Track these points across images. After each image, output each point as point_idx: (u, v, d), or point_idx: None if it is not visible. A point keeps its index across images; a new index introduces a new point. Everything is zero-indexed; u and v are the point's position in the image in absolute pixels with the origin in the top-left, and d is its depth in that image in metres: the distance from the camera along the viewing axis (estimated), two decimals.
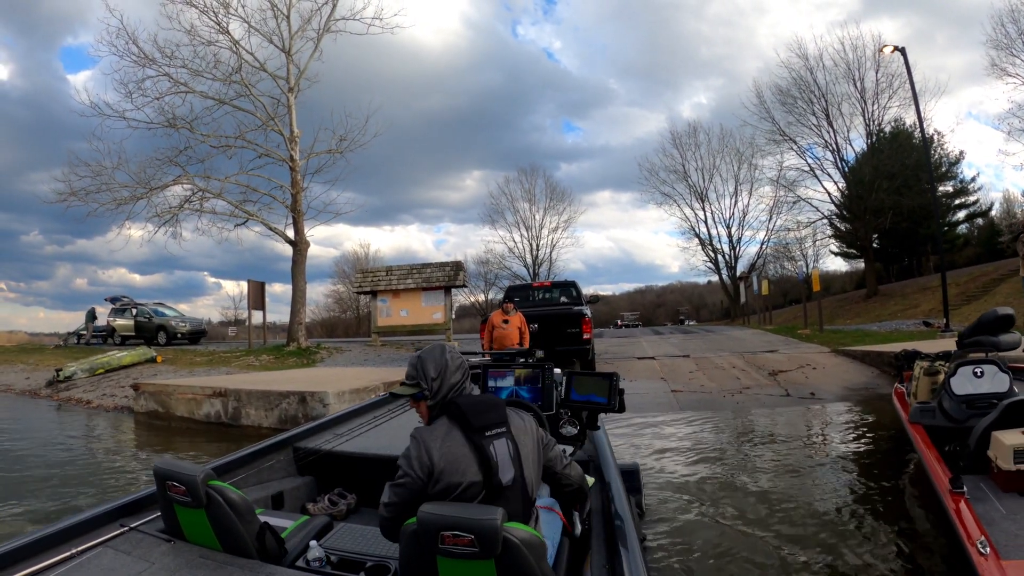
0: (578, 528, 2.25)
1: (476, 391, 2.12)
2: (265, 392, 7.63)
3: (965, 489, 2.94)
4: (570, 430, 2.99)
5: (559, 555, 2.08)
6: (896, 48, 15.90)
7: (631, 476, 3.45)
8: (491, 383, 3.49)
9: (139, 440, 8.04)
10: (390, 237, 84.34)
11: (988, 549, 2.48)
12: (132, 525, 2.10)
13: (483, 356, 5.35)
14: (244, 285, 18.95)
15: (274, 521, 2.16)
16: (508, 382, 3.47)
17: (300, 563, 2.02)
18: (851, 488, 4.71)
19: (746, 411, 7.93)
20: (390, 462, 3.11)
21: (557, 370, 3.23)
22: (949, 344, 5.56)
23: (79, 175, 16.19)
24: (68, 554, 1.92)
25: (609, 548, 2.13)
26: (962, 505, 2.85)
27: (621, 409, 2.81)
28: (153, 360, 15.90)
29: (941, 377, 4.63)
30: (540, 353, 5.04)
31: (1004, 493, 2.99)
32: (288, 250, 17.96)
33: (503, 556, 1.53)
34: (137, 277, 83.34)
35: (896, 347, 11.42)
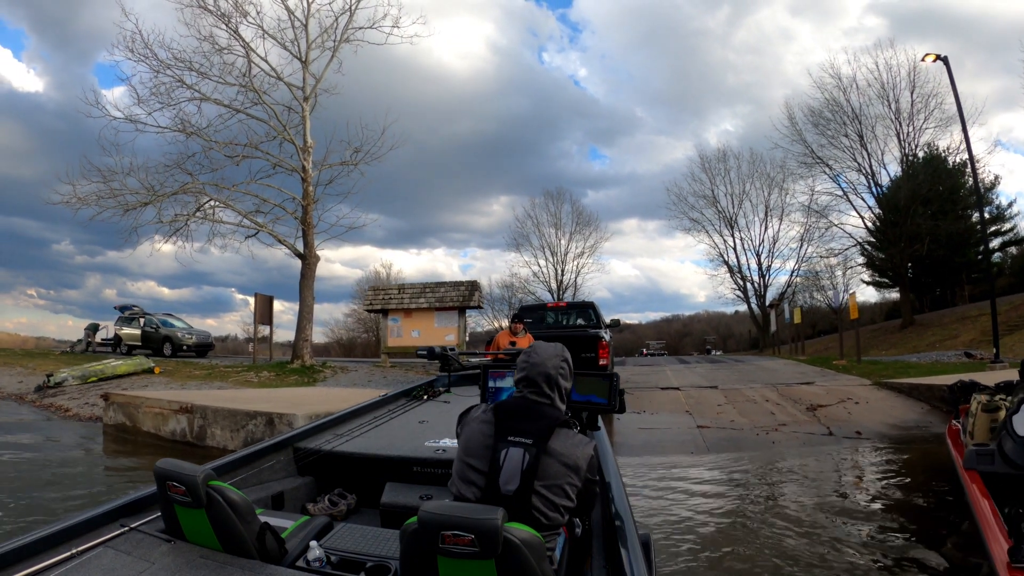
0: (578, 529, 2.20)
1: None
2: (232, 411, 6.90)
3: None
4: None
5: (560, 557, 1.99)
6: (938, 57, 14.97)
7: (643, 549, 2.98)
8: (491, 383, 3.43)
9: (88, 457, 7.35)
10: (416, 260, 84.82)
11: None
12: (132, 525, 2.08)
13: (484, 357, 5.16)
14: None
15: (274, 521, 2.13)
16: (508, 382, 3.40)
17: (300, 563, 1.99)
18: (902, 555, 3.78)
19: (784, 453, 6.93)
20: (390, 462, 3.21)
21: None
22: (1004, 377, 4.74)
23: (89, 180, 15.95)
24: (68, 554, 1.89)
25: (609, 548, 2.13)
26: None
27: (621, 410, 2.81)
28: (151, 371, 15.35)
29: (1002, 414, 3.83)
30: None
31: None
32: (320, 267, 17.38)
33: (504, 556, 1.50)
34: (166, 291, 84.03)
35: (947, 379, 10.37)
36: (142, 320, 22.06)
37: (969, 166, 16.60)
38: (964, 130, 14.71)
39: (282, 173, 17.26)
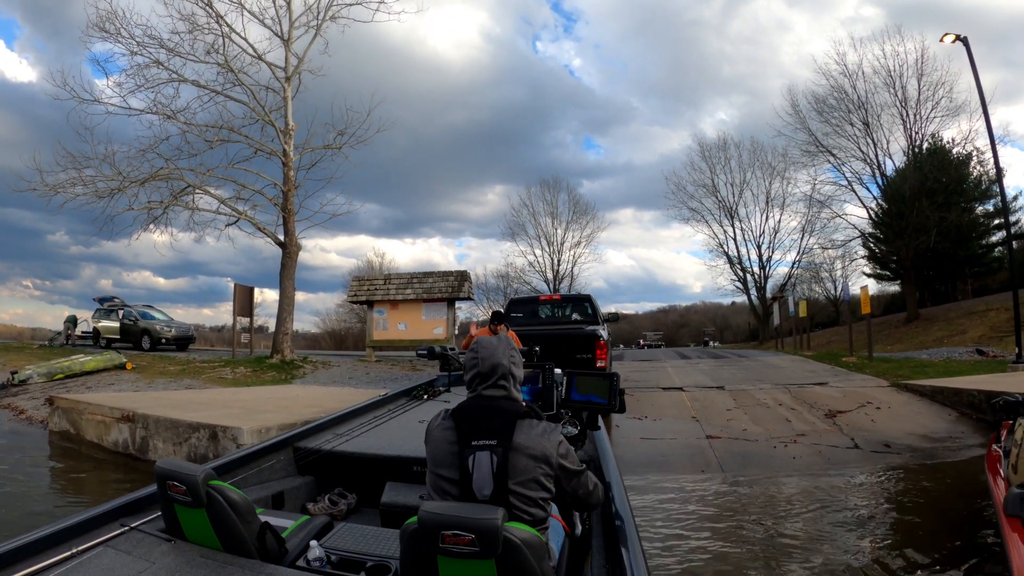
0: (578, 528, 2.20)
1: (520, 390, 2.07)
2: (174, 422, 6.05)
3: None
4: (570, 430, 2.88)
5: (560, 555, 1.96)
6: (957, 37, 14.08)
7: None
8: None
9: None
10: (412, 249, 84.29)
11: None
12: (133, 525, 2.05)
13: None
14: (265, 293, 17.64)
15: (274, 521, 2.07)
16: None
17: (300, 563, 1.95)
18: None
19: (810, 473, 6.09)
20: (390, 462, 3.24)
21: (557, 370, 3.17)
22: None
23: (64, 167, 15.03)
24: (68, 553, 1.86)
25: (609, 548, 2.12)
26: None
27: (622, 409, 2.79)
28: (122, 367, 14.49)
29: None
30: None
31: None
32: (308, 258, 16.55)
33: (503, 556, 1.47)
34: (161, 281, 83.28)
35: (970, 382, 9.60)
36: (120, 312, 21.11)
37: (990, 149, 15.81)
38: (985, 110, 13.94)
39: (262, 157, 16.33)
